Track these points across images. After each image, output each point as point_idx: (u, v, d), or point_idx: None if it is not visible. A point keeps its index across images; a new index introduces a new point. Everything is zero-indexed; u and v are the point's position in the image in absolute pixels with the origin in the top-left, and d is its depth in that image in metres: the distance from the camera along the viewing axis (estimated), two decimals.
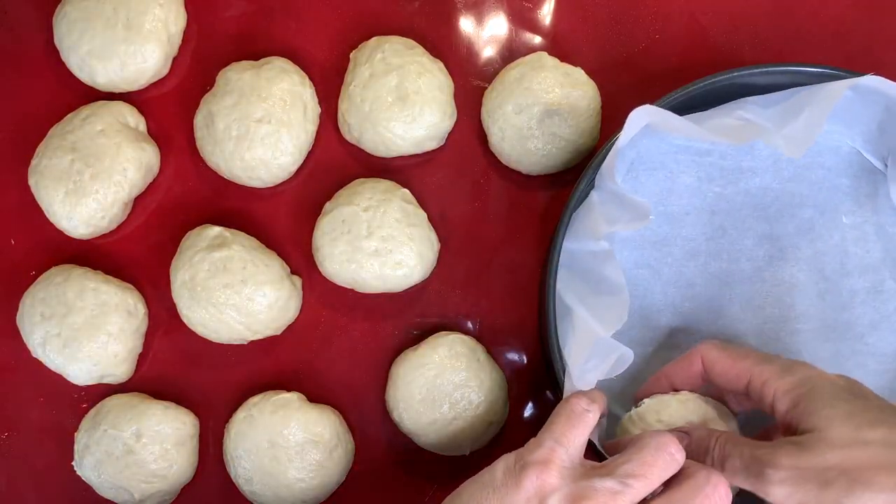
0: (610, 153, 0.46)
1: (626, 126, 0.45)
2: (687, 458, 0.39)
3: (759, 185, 0.54)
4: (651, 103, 0.46)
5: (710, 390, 0.46)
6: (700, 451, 0.41)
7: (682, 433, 0.42)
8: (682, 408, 0.45)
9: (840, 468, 0.37)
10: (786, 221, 0.53)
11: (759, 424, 0.48)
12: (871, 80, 0.47)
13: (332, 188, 0.55)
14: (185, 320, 0.53)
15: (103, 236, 0.56)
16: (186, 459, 0.53)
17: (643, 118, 0.45)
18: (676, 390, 0.46)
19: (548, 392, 0.55)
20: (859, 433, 0.38)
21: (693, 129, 0.46)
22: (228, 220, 0.55)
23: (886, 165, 0.53)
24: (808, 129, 0.47)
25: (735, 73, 0.48)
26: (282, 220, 0.56)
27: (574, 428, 0.39)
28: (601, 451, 0.45)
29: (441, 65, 0.55)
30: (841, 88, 0.47)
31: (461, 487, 0.40)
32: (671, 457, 0.38)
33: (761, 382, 0.42)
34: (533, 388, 0.55)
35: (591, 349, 0.45)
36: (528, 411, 0.55)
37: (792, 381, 0.41)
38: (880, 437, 0.38)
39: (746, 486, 0.40)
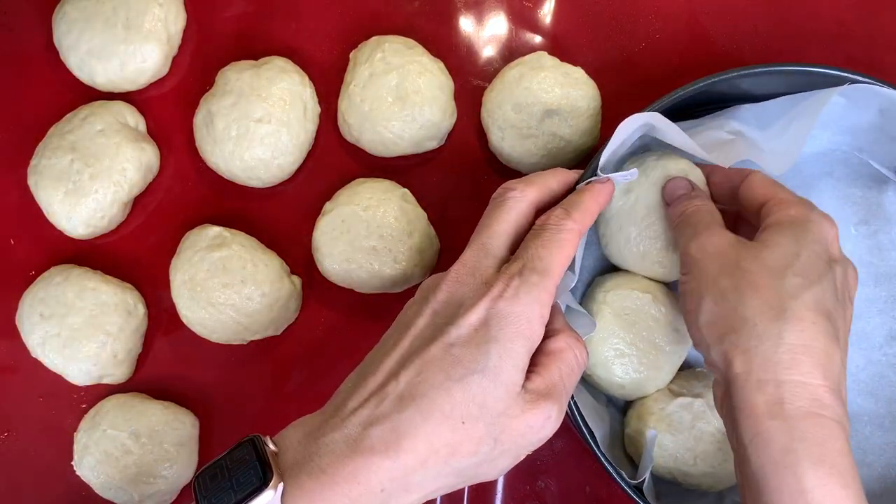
0: (601, 161, 0.44)
1: (614, 136, 0.44)
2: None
3: None
4: (650, 103, 0.46)
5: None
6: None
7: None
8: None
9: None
10: None
11: None
12: (858, 88, 0.46)
13: (332, 188, 0.55)
14: (184, 320, 0.53)
15: (103, 236, 0.56)
16: (186, 459, 0.53)
17: (632, 127, 0.44)
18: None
19: None
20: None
21: (684, 141, 0.45)
22: (228, 220, 0.55)
23: None
24: (792, 145, 0.46)
25: (735, 73, 0.48)
26: (282, 220, 0.56)
27: (500, 222, 0.41)
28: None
29: (441, 65, 0.55)
30: (824, 99, 0.46)
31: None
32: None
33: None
34: None
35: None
36: None
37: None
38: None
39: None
